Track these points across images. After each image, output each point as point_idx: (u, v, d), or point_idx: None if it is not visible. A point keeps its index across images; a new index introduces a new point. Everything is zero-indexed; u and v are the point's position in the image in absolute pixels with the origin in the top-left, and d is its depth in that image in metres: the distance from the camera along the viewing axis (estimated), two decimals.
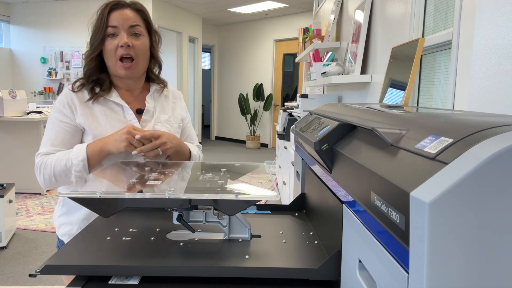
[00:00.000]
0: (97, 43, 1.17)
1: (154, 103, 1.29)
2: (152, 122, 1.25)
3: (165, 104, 1.32)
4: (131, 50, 1.17)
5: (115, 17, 1.16)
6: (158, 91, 1.32)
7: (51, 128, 1.18)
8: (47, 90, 7.21)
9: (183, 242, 0.82)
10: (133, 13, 1.19)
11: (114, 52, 1.16)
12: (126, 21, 1.17)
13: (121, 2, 1.20)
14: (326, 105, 1.05)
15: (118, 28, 1.16)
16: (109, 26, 1.16)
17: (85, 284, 0.69)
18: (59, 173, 1.12)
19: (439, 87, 1.48)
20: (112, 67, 1.19)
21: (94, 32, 1.18)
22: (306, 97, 3.06)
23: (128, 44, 1.15)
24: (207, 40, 9.26)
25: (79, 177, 1.11)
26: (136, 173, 1.02)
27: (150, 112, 1.26)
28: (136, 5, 1.22)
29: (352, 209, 0.58)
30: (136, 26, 1.18)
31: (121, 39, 1.15)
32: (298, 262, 0.73)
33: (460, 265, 0.36)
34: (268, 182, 4.66)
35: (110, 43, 1.16)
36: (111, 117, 1.20)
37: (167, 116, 1.29)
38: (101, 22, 1.16)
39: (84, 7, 6.93)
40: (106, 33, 1.16)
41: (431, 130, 0.47)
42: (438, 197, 0.35)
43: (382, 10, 2.08)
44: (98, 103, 1.20)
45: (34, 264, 2.78)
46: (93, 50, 1.18)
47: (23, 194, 4.40)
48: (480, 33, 1.07)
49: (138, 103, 1.27)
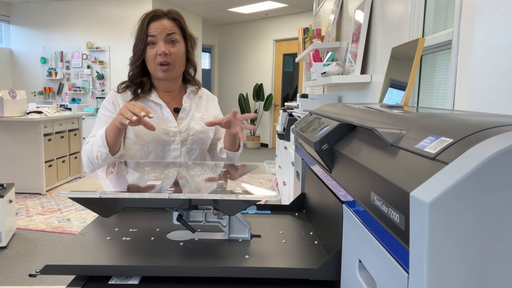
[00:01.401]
0: (139, 52, 1.31)
1: (190, 102, 1.42)
2: (187, 120, 1.38)
3: (199, 104, 1.45)
4: (168, 57, 1.29)
5: (153, 27, 1.29)
6: (194, 91, 1.45)
7: (98, 122, 1.34)
8: (47, 90, 7.21)
9: (183, 242, 0.82)
10: (170, 22, 1.31)
11: (153, 59, 1.29)
12: (163, 30, 1.29)
13: (158, 12, 1.32)
14: (326, 105, 1.05)
15: (156, 37, 1.28)
16: (149, 36, 1.29)
17: (85, 284, 0.69)
18: (90, 154, 1.23)
19: (439, 87, 1.48)
20: (153, 71, 1.33)
21: (136, 41, 1.31)
22: (306, 97, 3.06)
23: (166, 52, 1.28)
24: (207, 40, 9.26)
25: (99, 152, 1.21)
26: (136, 173, 1.02)
27: (186, 110, 1.39)
28: (172, 14, 1.34)
29: (352, 209, 0.58)
30: (173, 34, 1.30)
31: (159, 48, 1.28)
32: (298, 262, 0.73)
33: (460, 265, 0.36)
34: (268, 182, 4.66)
35: (150, 51, 1.29)
36: None
37: (201, 114, 1.41)
38: (141, 33, 1.29)
39: (84, 7, 6.93)
40: (147, 42, 1.29)
41: (431, 130, 0.47)
42: (438, 197, 0.35)
43: (382, 10, 2.08)
44: (140, 102, 1.33)
45: (34, 264, 2.78)
46: (137, 58, 1.32)
47: (23, 194, 4.40)
48: (480, 33, 1.07)
49: (176, 102, 1.40)
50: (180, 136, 1.34)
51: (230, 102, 9.39)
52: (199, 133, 1.38)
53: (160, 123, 1.32)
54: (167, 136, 1.32)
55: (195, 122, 1.39)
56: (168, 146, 1.33)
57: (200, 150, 1.40)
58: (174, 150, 1.33)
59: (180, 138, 1.34)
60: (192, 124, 1.38)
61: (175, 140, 1.34)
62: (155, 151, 1.32)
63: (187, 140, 1.36)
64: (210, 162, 1.32)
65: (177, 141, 1.34)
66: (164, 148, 1.33)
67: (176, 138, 1.34)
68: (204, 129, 1.40)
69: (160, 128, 1.32)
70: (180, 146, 1.34)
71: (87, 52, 7.03)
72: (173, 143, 1.33)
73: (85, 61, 7.08)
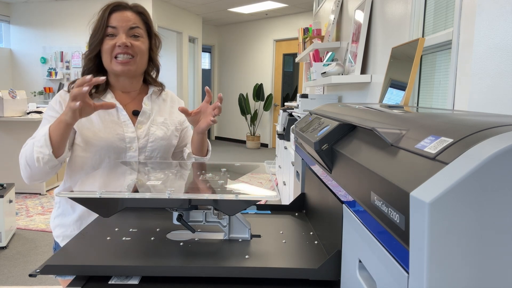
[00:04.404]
0: (96, 43, 1.17)
1: (151, 105, 1.28)
2: (147, 124, 1.24)
3: (162, 107, 1.31)
4: (130, 49, 1.16)
5: (115, 18, 1.16)
6: (156, 93, 1.31)
7: (42, 124, 1.17)
8: (47, 90, 7.21)
9: (183, 242, 0.82)
10: (134, 15, 1.19)
11: (110, 51, 1.16)
12: (126, 22, 1.17)
13: (123, 3, 1.20)
14: (326, 105, 1.05)
15: (117, 29, 1.16)
16: (109, 26, 1.16)
17: (85, 284, 0.69)
18: (29, 156, 1.06)
19: (439, 87, 1.48)
20: (108, 65, 1.19)
21: (93, 32, 1.18)
22: (306, 97, 3.06)
23: (126, 44, 1.15)
24: (207, 40, 9.26)
25: (41, 154, 1.03)
26: (136, 173, 1.02)
27: (146, 114, 1.25)
28: (137, 7, 1.22)
29: (352, 209, 0.58)
30: (136, 28, 1.18)
31: (119, 39, 1.15)
32: (298, 262, 0.73)
33: (460, 265, 0.36)
34: (268, 182, 4.66)
35: (108, 43, 1.16)
36: (104, 118, 1.19)
37: (163, 119, 1.28)
38: (101, 23, 1.16)
39: (84, 7, 6.93)
40: (105, 33, 1.16)
41: (431, 130, 0.47)
42: (438, 197, 0.35)
43: (382, 10, 2.08)
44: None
45: (34, 264, 2.78)
46: (92, 50, 1.18)
47: (23, 194, 4.40)
48: (480, 33, 1.07)
49: (135, 104, 1.26)
50: (138, 142, 1.19)
51: (230, 102, 9.39)
52: (160, 139, 1.24)
53: (114, 128, 1.17)
54: (122, 142, 1.17)
55: (156, 127, 1.24)
56: (123, 153, 1.17)
57: (161, 159, 1.26)
58: (131, 158, 1.18)
59: (138, 144, 1.19)
60: (152, 129, 1.23)
61: (132, 147, 1.18)
62: (108, 159, 1.16)
63: (146, 147, 1.21)
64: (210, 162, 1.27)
65: (134, 148, 1.19)
66: (119, 155, 1.18)
67: (133, 145, 1.19)
68: (166, 136, 1.25)
69: (115, 133, 1.17)
70: (138, 154, 1.20)
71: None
72: (130, 150, 1.18)
73: None
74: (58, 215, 1.25)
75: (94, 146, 1.16)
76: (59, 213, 1.25)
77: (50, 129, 1.05)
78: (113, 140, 1.16)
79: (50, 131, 1.04)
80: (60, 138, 1.04)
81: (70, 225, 1.22)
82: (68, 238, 1.22)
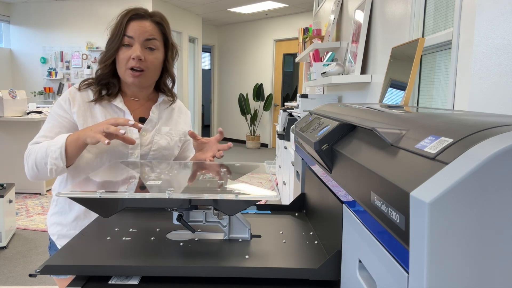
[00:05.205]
0: (112, 50, 1.17)
1: (158, 114, 1.28)
2: (152, 132, 1.24)
3: (169, 117, 1.31)
4: (143, 63, 1.16)
5: (132, 28, 1.16)
6: (166, 102, 1.31)
7: (48, 121, 1.19)
8: (47, 90, 7.22)
9: (183, 242, 0.82)
10: (152, 26, 1.18)
11: (125, 62, 1.16)
12: (143, 33, 1.16)
13: (141, 12, 1.18)
14: (326, 105, 1.06)
15: (134, 39, 1.16)
16: (126, 36, 1.15)
17: (85, 284, 0.69)
18: (39, 160, 1.08)
19: (439, 87, 1.48)
20: (122, 74, 1.20)
21: (110, 38, 1.18)
22: (306, 97, 3.06)
23: (140, 57, 1.15)
24: (207, 40, 9.26)
25: (55, 166, 1.07)
26: (136, 173, 1.02)
27: (152, 122, 1.25)
28: (156, 17, 1.20)
29: (352, 209, 0.58)
30: (153, 39, 1.18)
31: (134, 51, 1.15)
32: (298, 262, 0.73)
33: (460, 265, 0.36)
34: (268, 182, 4.66)
35: (124, 52, 1.16)
36: None
37: (168, 129, 1.28)
38: (118, 30, 1.16)
39: (84, 7, 6.93)
40: (122, 42, 1.16)
41: (431, 130, 0.47)
42: (438, 197, 0.35)
43: (382, 10, 2.08)
44: (102, 105, 1.20)
45: (34, 264, 2.78)
46: (108, 56, 1.18)
47: (23, 194, 4.40)
48: (480, 33, 1.07)
49: (143, 111, 1.26)
50: (140, 149, 1.20)
51: (230, 102, 9.39)
52: (162, 149, 1.24)
53: None
54: (125, 147, 1.18)
55: (161, 136, 1.25)
56: (124, 159, 1.19)
57: None
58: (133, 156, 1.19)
59: (140, 151, 1.20)
60: (156, 138, 1.24)
61: (134, 153, 1.19)
62: (109, 163, 1.17)
63: (148, 154, 1.22)
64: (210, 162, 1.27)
65: (136, 155, 1.20)
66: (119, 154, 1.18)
67: (136, 151, 1.19)
68: (169, 146, 1.26)
69: None
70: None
71: (87, 52, 7.03)
72: (131, 156, 1.19)
73: (85, 61, 7.08)
74: (55, 213, 1.26)
75: (97, 148, 1.16)
76: (56, 211, 1.25)
77: (67, 142, 1.06)
78: (116, 145, 1.16)
79: (67, 145, 1.06)
80: (75, 153, 1.08)
81: (66, 224, 1.23)
82: (63, 237, 1.23)
